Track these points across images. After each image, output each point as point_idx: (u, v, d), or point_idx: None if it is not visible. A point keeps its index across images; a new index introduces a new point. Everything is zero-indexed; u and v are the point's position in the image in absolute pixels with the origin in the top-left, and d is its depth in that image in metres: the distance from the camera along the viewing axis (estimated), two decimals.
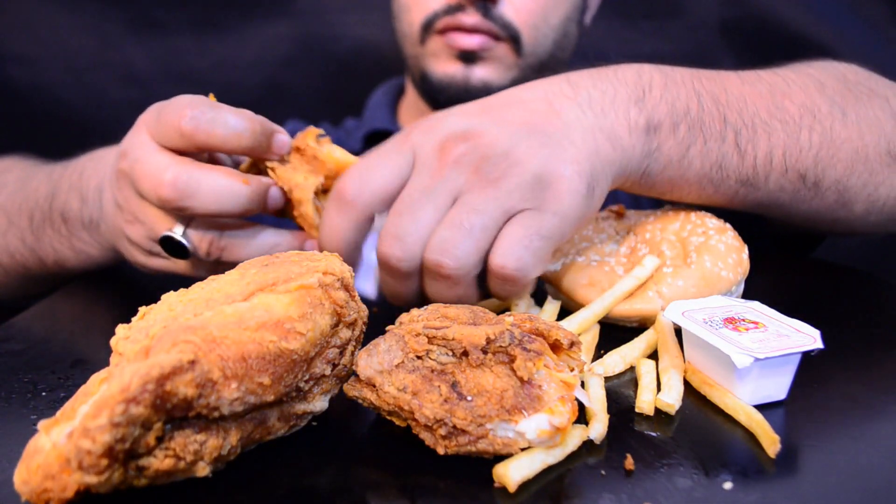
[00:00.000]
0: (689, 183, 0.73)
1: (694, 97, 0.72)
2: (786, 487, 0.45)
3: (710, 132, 0.71)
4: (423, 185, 0.60)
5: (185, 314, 0.45)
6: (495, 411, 0.46)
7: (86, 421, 0.37)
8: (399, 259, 0.60)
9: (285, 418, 0.48)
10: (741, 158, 0.73)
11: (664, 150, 0.69)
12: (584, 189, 0.62)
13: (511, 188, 0.59)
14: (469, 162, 0.60)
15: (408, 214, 0.59)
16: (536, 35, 1.18)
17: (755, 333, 0.56)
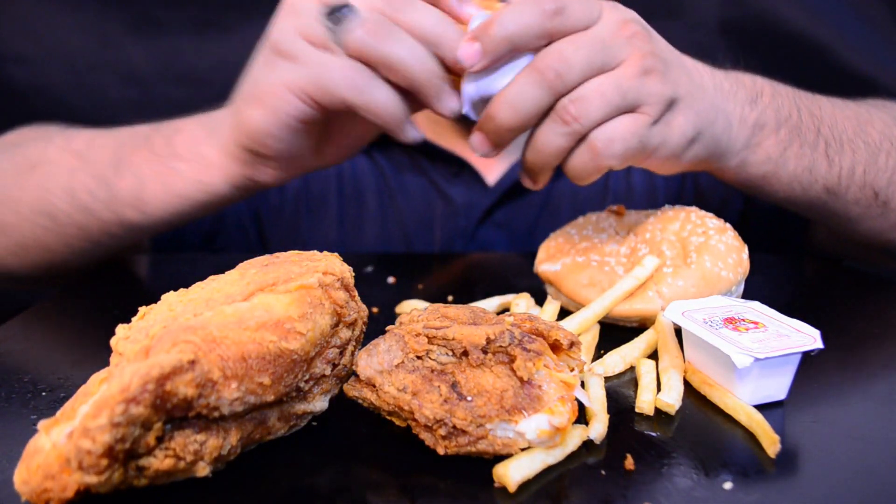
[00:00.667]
0: (781, 181, 0.81)
1: (794, 108, 0.82)
2: (786, 487, 0.45)
3: (806, 139, 0.81)
4: (600, 36, 0.64)
5: (185, 314, 0.45)
6: (495, 411, 0.46)
7: (86, 421, 0.37)
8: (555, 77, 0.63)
9: (285, 418, 0.48)
10: (829, 167, 0.82)
11: (765, 146, 0.78)
12: (687, 142, 0.70)
13: (651, 90, 0.65)
14: (640, 47, 0.65)
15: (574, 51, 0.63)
16: None
17: (755, 333, 0.56)
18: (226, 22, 1.60)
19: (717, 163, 0.77)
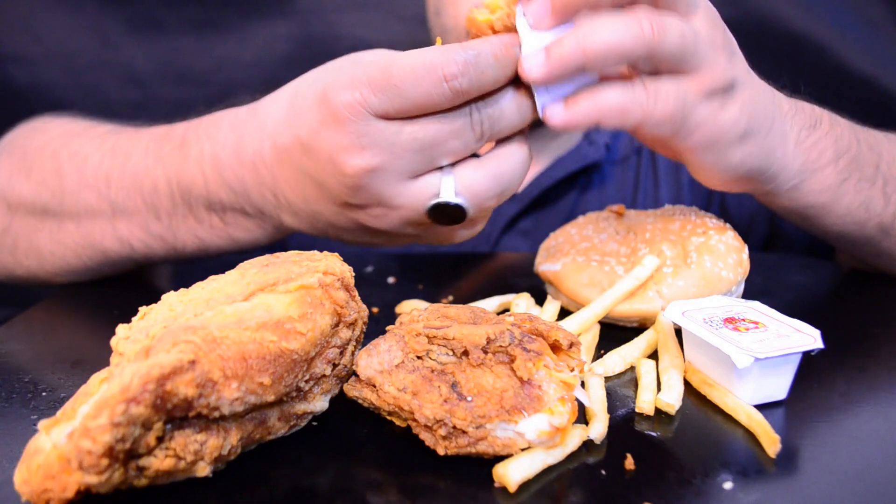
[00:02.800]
0: (835, 213, 0.78)
1: (854, 140, 0.79)
2: (786, 487, 0.45)
3: (864, 173, 0.78)
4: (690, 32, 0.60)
5: (185, 314, 0.45)
6: (495, 411, 0.46)
7: (86, 421, 0.37)
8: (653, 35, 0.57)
9: (285, 418, 0.48)
10: (885, 205, 0.80)
11: (822, 175, 0.75)
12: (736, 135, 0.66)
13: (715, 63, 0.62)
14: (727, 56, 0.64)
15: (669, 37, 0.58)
16: None
17: (755, 333, 0.56)
18: (225, 22, 1.61)
19: (768, 183, 0.73)
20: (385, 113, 0.59)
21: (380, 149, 0.59)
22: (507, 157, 0.64)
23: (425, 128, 0.59)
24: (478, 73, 0.57)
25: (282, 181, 0.69)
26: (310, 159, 0.64)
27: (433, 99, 0.58)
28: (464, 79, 0.57)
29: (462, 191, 0.62)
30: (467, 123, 0.60)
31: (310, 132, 0.63)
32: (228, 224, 0.77)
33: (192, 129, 0.77)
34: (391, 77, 0.57)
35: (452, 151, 0.61)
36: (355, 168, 0.60)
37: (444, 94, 0.57)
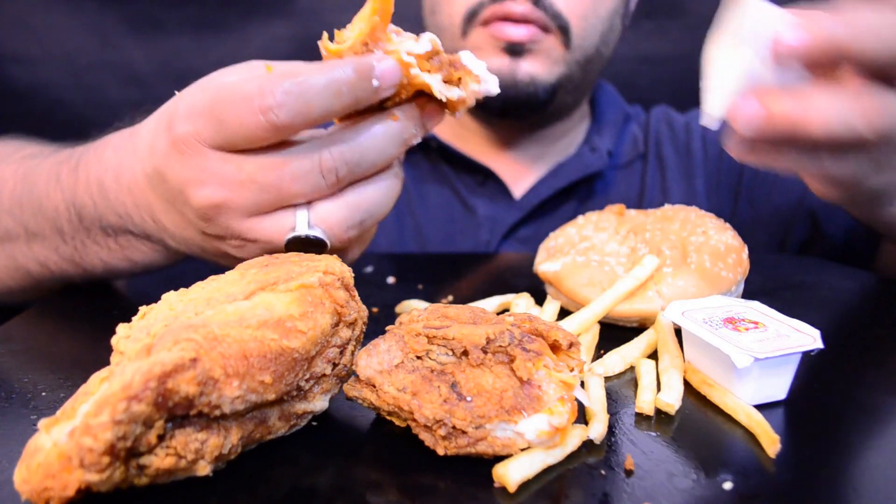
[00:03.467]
0: None
1: None
2: (786, 487, 0.45)
3: None
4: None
5: (186, 313, 0.45)
6: (495, 412, 0.46)
7: (87, 419, 0.37)
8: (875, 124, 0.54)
9: (286, 417, 0.48)
10: None
11: None
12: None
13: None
14: None
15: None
16: (585, 26, 1.11)
17: (755, 333, 0.56)
18: (225, 22, 1.61)
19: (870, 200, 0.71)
20: (219, 146, 0.57)
21: (220, 185, 0.57)
22: (368, 187, 0.61)
23: (264, 168, 0.57)
24: (302, 104, 0.53)
25: (155, 207, 0.67)
26: (167, 188, 0.62)
27: (254, 132, 0.54)
28: (282, 111, 0.53)
29: (317, 223, 0.60)
30: (315, 167, 0.57)
31: (162, 161, 0.61)
32: (124, 247, 0.76)
33: (88, 150, 0.77)
34: (214, 107, 0.55)
35: (301, 194, 0.58)
36: (201, 202, 0.59)
37: (263, 127, 0.54)
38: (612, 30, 1.18)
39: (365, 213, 0.62)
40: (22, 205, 0.80)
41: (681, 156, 1.33)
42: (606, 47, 1.19)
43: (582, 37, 1.11)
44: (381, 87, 0.56)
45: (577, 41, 1.11)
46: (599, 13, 1.12)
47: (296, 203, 0.60)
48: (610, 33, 1.18)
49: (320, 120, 0.55)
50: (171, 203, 0.64)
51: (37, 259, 0.81)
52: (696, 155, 1.32)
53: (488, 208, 1.23)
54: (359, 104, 0.57)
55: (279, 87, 0.53)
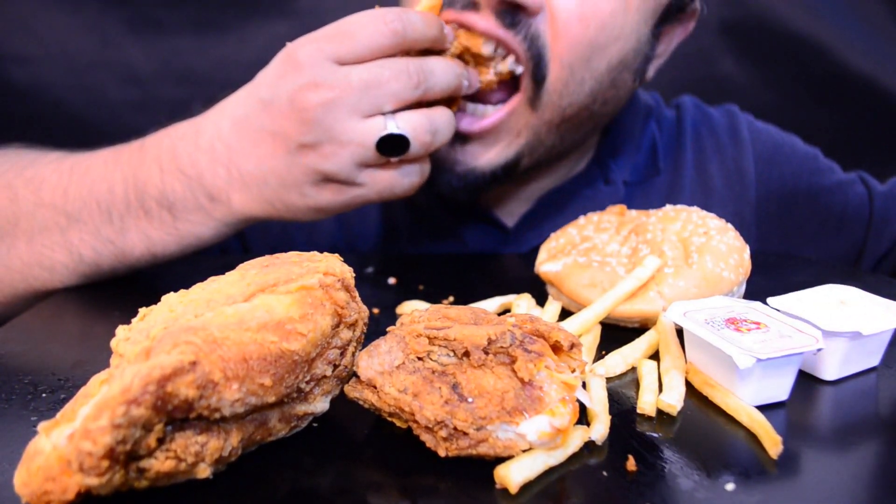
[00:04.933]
0: None
1: None
2: (788, 488, 0.45)
3: None
4: None
5: (185, 315, 0.45)
6: (496, 413, 0.46)
7: (87, 422, 0.37)
8: None
9: (286, 419, 0.48)
10: None
11: None
12: None
13: None
14: None
15: None
16: (567, 79, 0.86)
17: (757, 334, 0.56)
18: (225, 22, 1.60)
19: None
20: (338, 57, 0.72)
21: (333, 86, 0.71)
22: (437, 109, 0.78)
23: (370, 69, 0.72)
24: (409, 20, 0.73)
25: (237, 151, 0.77)
26: (268, 113, 0.74)
27: (376, 39, 0.72)
28: (398, 22, 0.72)
29: (403, 125, 0.74)
30: (404, 69, 0.73)
31: (269, 88, 0.75)
32: (177, 217, 0.80)
33: (152, 136, 0.83)
34: (342, 26, 0.73)
35: (394, 94, 0.73)
36: (312, 102, 0.71)
37: (384, 33, 0.71)
38: (613, 87, 0.92)
39: (436, 125, 0.76)
40: (67, 194, 0.82)
41: (730, 175, 1.16)
42: (604, 106, 0.94)
43: (559, 93, 0.86)
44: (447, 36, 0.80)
45: (551, 97, 0.86)
46: (595, 66, 0.87)
47: (385, 112, 0.74)
48: (609, 91, 0.92)
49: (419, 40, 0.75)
50: (265, 131, 0.75)
51: (70, 247, 0.82)
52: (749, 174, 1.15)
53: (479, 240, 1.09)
54: (436, 41, 0.77)
55: (393, 10, 0.73)
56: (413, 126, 0.74)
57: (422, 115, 0.75)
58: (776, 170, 1.17)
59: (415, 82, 0.73)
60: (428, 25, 0.75)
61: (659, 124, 1.19)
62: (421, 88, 0.74)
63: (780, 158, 1.18)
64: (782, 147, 1.19)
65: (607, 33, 0.85)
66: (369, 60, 0.72)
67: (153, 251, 0.82)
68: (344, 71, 0.71)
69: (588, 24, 0.83)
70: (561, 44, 0.83)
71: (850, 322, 0.58)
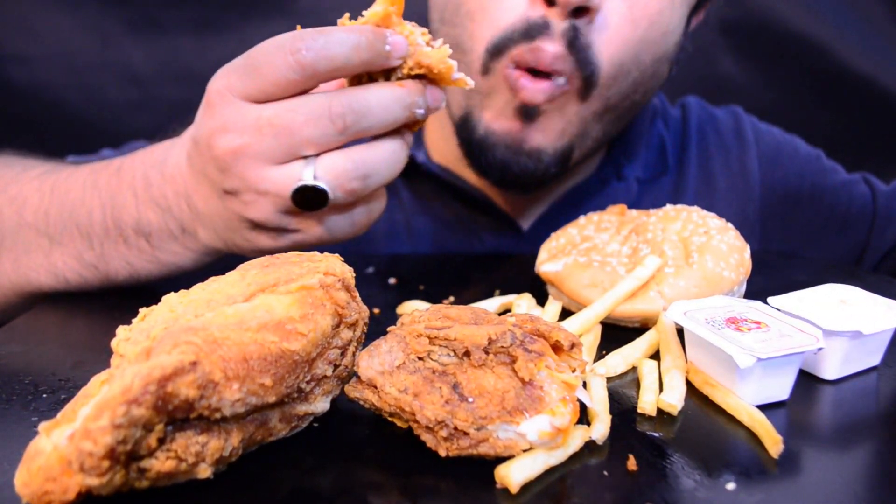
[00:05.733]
0: None
1: None
2: (788, 488, 0.45)
3: None
4: None
5: (185, 315, 0.45)
6: (496, 412, 0.46)
7: (87, 422, 0.37)
8: None
9: (287, 419, 0.48)
10: None
11: None
12: None
13: None
14: None
15: None
16: (617, 74, 0.88)
17: (757, 333, 0.56)
18: (225, 22, 1.61)
19: None
20: (247, 94, 0.63)
21: (242, 131, 0.63)
22: (374, 145, 0.66)
23: (279, 111, 0.62)
24: (323, 48, 0.60)
25: (191, 188, 0.71)
26: (198, 153, 0.68)
27: (282, 73, 0.61)
28: (309, 52, 0.60)
29: (322, 174, 0.64)
30: (324, 111, 0.62)
31: (195, 127, 0.68)
32: (155, 247, 0.77)
33: (131, 156, 0.80)
34: (250, 58, 0.63)
35: (310, 141, 0.63)
36: (223, 149, 0.64)
37: (291, 66, 0.60)
38: (653, 77, 0.95)
39: (369, 168, 0.65)
40: (49, 214, 0.80)
41: (734, 174, 1.17)
42: (644, 96, 0.97)
43: (607, 86, 0.89)
44: (391, 52, 0.63)
45: (600, 90, 0.88)
46: (641, 59, 0.89)
47: (306, 155, 0.64)
48: (650, 81, 0.95)
49: (340, 69, 0.62)
50: (200, 171, 0.69)
51: (54, 270, 0.81)
52: (753, 174, 1.16)
53: (494, 238, 1.11)
54: (372, 63, 0.63)
55: (308, 34, 0.61)
56: (336, 174, 0.64)
57: (348, 160, 0.64)
58: (780, 170, 1.18)
59: (339, 127, 0.62)
60: (355, 48, 0.61)
61: (666, 123, 1.20)
62: (348, 132, 0.63)
63: (784, 158, 1.19)
64: (786, 147, 1.20)
65: (655, 30, 0.88)
66: (281, 98, 0.63)
67: (137, 276, 0.80)
68: (254, 112, 0.63)
69: (638, 24, 0.86)
70: (612, 46, 0.85)
71: (850, 321, 0.58)
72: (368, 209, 0.72)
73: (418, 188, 1.13)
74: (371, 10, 0.63)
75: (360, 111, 0.62)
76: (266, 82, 0.62)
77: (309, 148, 0.63)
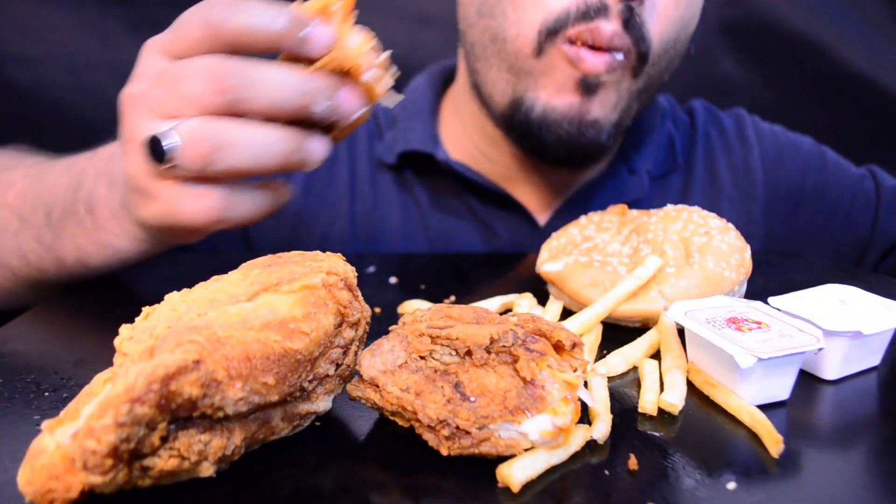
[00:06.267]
0: None
1: None
2: (789, 487, 0.45)
3: None
4: None
5: (189, 314, 0.45)
6: (498, 412, 0.46)
7: (90, 421, 0.37)
8: None
9: (289, 418, 0.48)
10: None
11: None
12: None
13: None
14: None
15: None
16: (661, 52, 0.93)
17: (758, 333, 0.56)
18: None
19: None
20: (164, 48, 0.62)
21: (143, 79, 0.62)
22: (247, 123, 0.60)
23: (175, 62, 0.61)
24: (234, 11, 0.58)
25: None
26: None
27: (192, 29, 0.59)
28: (218, 12, 0.59)
29: (180, 130, 0.59)
30: (210, 68, 0.58)
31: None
32: (98, 225, 0.75)
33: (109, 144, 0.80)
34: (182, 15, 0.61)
35: (189, 96, 0.59)
36: (125, 96, 0.64)
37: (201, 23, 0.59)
38: (680, 57, 1.00)
39: (227, 140, 0.59)
40: (26, 196, 0.81)
41: (738, 174, 1.19)
42: (668, 76, 1.01)
43: (654, 63, 0.93)
44: (306, 40, 0.59)
45: (648, 68, 0.93)
46: (680, 38, 0.95)
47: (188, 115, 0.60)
48: (677, 61, 0.99)
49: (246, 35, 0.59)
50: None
51: (20, 251, 0.81)
52: (757, 173, 1.18)
53: (511, 234, 1.12)
54: (281, 40, 0.59)
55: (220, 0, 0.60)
56: (190, 132, 0.59)
57: (208, 123, 0.59)
58: (782, 168, 1.20)
59: (220, 87, 0.58)
60: (267, 20, 0.58)
61: (675, 123, 1.23)
62: (228, 95, 0.58)
63: (786, 157, 1.20)
64: (787, 146, 1.22)
65: (692, 10, 0.95)
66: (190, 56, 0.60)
67: (84, 260, 0.79)
68: (161, 64, 0.62)
69: (680, 3, 0.92)
70: (661, 25, 0.90)
71: (851, 321, 0.58)
72: (226, 197, 0.64)
73: (435, 185, 1.14)
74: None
75: (246, 79, 0.58)
76: (178, 37, 0.61)
77: (189, 105, 0.59)
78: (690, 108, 1.27)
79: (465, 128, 1.13)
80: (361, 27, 0.63)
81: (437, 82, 1.23)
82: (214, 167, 0.60)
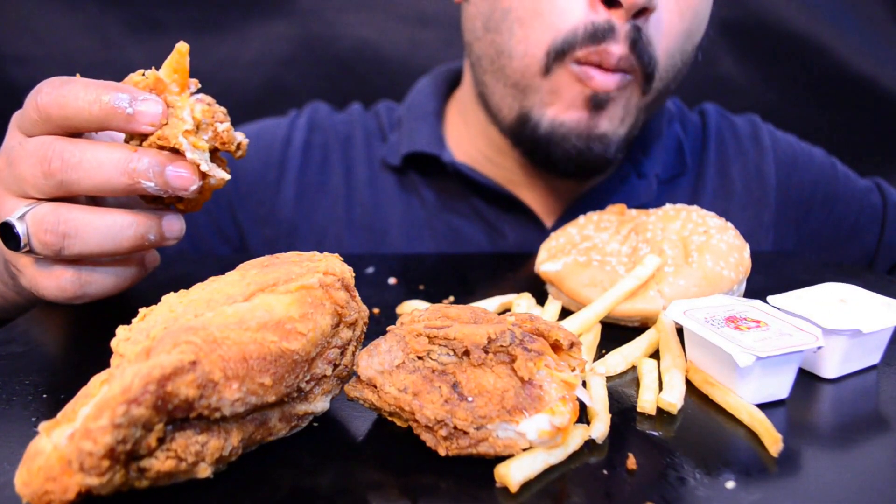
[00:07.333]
0: None
1: None
2: (788, 486, 0.45)
3: None
4: None
5: (185, 315, 0.45)
6: (496, 412, 0.46)
7: (87, 422, 0.37)
8: None
9: (286, 419, 0.48)
10: None
11: None
12: None
13: None
14: None
15: None
16: (668, 66, 0.93)
17: (757, 332, 0.56)
18: (225, 22, 1.61)
19: None
20: (18, 125, 0.64)
21: (2, 156, 0.65)
22: (92, 210, 0.63)
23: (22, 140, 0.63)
24: (59, 94, 0.60)
25: None
26: None
27: (28, 111, 0.62)
28: (45, 96, 0.60)
29: (27, 217, 0.62)
30: (37, 151, 0.61)
31: None
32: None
33: None
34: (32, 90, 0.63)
35: (26, 179, 0.61)
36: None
37: (33, 106, 0.61)
38: (687, 66, 0.99)
39: (72, 228, 0.62)
40: None
41: (751, 178, 1.18)
42: (676, 84, 1.01)
43: (661, 78, 0.93)
44: (135, 116, 0.60)
45: (655, 84, 0.93)
46: (685, 50, 0.95)
47: (32, 196, 0.63)
48: (684, 70, 0.99)
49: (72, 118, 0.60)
50: None
51: None
52: (770, 179, 1.18)
53: (517, 234, 1.11)
54: (108, 122, 0.60)
55: (55, 80, 0.61)
56: (35, 221, 0.61)
57: (53, 212, 0.61)
58: (795, 177, 1.20)
59: (46, 170, 0.60)
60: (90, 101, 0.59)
61: (683, 127, 1.22)
62: (56, 178, 0.60)
63: (800, 166, 1.21)
64: (802, 155, 1.23)
65: (698, 20, 0.94)
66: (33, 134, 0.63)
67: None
68: (13, 142, 0.64)
69: (685, 16, 0.91)
70: (666, 40, 0.90)
71: (850, 320, 0.58)
72: (79, 277, 0.68)
73: (441, 187, 1.13)
74: (150, 72, 0.63)
75: (70, 161, 0.60)
76: (23, 116, 0.63)
77: (30, 187, 0.62)
78: (702, 110, 1.27)
79: (471, 133, 1.13)
80: (202, 96, 0.64)
81: (442, 85, 1.22)
82: (65, 252, 0.63)
